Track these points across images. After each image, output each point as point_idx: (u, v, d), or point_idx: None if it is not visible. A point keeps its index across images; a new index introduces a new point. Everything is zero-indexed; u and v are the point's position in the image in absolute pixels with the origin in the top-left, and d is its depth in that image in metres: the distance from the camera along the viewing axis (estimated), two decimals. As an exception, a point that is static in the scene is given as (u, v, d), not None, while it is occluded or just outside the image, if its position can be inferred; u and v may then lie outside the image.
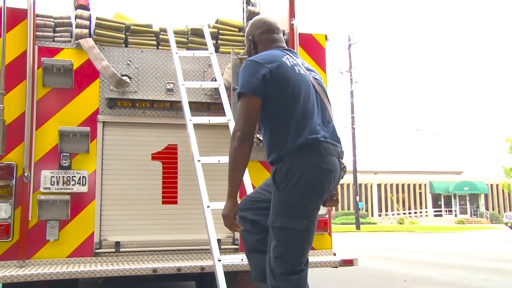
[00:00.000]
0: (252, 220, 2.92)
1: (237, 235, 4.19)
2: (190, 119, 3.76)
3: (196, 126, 3.83)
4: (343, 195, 47.65)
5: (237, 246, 4.20)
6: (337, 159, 2.68)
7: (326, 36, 4.75)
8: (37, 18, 4.10)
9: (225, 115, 3.96)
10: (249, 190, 3.46)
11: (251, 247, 2.97)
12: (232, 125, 3.87)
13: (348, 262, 4.02)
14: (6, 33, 3.91)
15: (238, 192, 2.75)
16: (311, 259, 4.02)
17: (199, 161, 3.56)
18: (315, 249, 4.33)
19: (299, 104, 2.64)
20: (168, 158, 4.25)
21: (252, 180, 3.63)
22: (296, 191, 2.56)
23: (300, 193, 2.56)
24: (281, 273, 2.61)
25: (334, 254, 4.35)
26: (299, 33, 4.52)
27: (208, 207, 3.34)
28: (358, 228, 31.66)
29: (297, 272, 2.63)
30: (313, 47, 4.69)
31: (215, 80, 4.20)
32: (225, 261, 3.18)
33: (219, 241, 4.11)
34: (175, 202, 4.20)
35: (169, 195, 4.21)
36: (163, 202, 4.18)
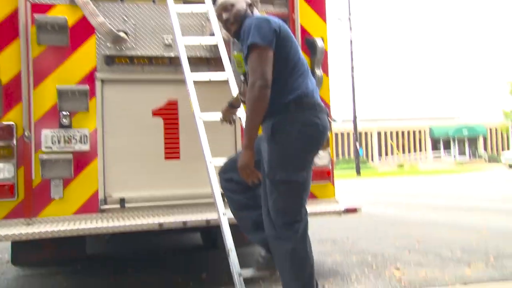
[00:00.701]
0: (238, 180, 2.98)
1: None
2: (190, 76, 3.71)
3: (196, 82, 3.78)
4: (343, 143, 47.90)
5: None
6: (327, 116, 2.84)
7: (326, -16, 4.62)
8: (28, -28, 3.96)
9: (225, 71, 3.89)
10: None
11: (239, 205, 3.09)
12: (232, 81, 3.82)
13: (352, 211, 4.09)
14: (-4, -11, 3.79)
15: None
16: (314, 207, 4.11)
17: (200, 118, 3.54)
18: (317, 198, 4.39)
19: (298, 63, 2.80)
20: (168, 114, 4.22)
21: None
22: (295, 144, 2.68)
23: (299, 147, 2.69)
24: (283, 223, 2.72)
25: (337, 202, 4.41)
26: (299, -20, 4.40)
27: (210, 162, 3.35)
28: (358, 173, 32.03)
29: (298, 220, 2.75)
30: (312, -5, 4.56)
31: (214, 35, 4.10)
32: (229, 215, 3.22)
33: (222, 195, 4.16)
34: (178, 158, 4.21)
35: (171, 150, 4.21)
36: (166, 158, 4.19)
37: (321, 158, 4.32)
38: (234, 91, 3.78)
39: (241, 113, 3.59)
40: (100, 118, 4.05)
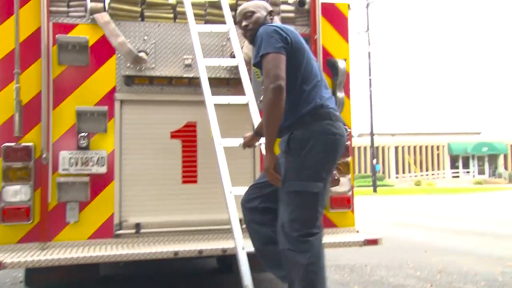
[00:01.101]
0: (263, 208, 2.96)
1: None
2: (210, 100, 3.63)
3: (216, 105, 3.71)
4: (360, 158, 47.52)
5: (258, 225, 4.14)
6: (343, 125, 2.85)
7: (349, 5, 4.53)
8: (50, -8, 3.94)
9: (245, 94, 3.81)
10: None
11: (265, 239, 2.98)
12: (252, 105, 3.73)
13: (372, 242, 3.94)
14: (19, 9, 3.77)
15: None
16: (334, 237, 3.99)
17: (220, 144, 3.45)
18: (337, 227, 4.26)
19: (312, 73, 2.82)
20: (187, 136, 4.15)
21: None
22: (312, 155, 2.68)
23: (316, 157, 2.69)
24: (299, 236, 2.69)
25: (357, 232, 4.27)
26: (321, 3, 4.33)
27: (230, 192, 3.24)
28: (375, 191, 31.67)
29: (314, 234, 2.72)
30: (336, 17, 4.48)
31: (234, 56, 4.03)
32: (248, 248, 3.11)
33: (240, 220, 4.05)
34: (195, 182, 4.13)
35: (189, 174, 4.13)
36: (183, 182, 4.11)
37: (341, 185, 4.18)
38: (255, 115, 3.69)
39: (262, 140, 3.50)
40: (118, 140, 3.99)
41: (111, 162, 3.94)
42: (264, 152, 3.55)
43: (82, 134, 3.89)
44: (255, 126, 3.53)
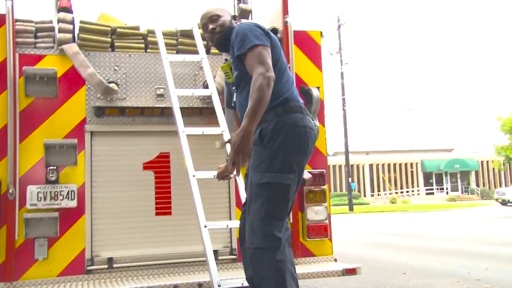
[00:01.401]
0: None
1: (235, 244, 4.06)
2: (183, 130, 3.57)
3: (190, 135, 3.65)
4: (335, 176, 47.79)
5: (235, 256, 4.07)
6: (312, 120, 2.89)
7: (321, 33, 4.56)
8: (17, 23, 3.86)
9: (219, 125, 3.76)
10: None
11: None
12: (226, 135, 3.69)
13: (351, 271, 3.89)
14: (-16, 40, 3.67)
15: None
16: (312, 267, 3.94)
17: (194, 176, 3.38)
18: (315, 255, 4.21)
19: (286, 70, 2.90)
20: (160, 167, 4.07)
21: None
22: (283, 146, 2.68)
23: (287, 149, 2.69)
24: (269, 231, 2.62)
25: (336, 260, 4.23)
26: (294, 31, 4.33)
27: (205, 227, 3.17)
28: (351, 209, 31.81)
29: (282, 230, 2.68)
30: (309, 45, 4.50)
31: (207, 85, 4.00)
32: (225, 285, 3.03)
33: (215, 252, 3.97)
34: (169, 213, 4.04)
35: (163, 205, 4.04)
36: (157, 214, 4.02)
37: (318, 213, 4.17)
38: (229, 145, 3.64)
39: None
40: (89, 172, 3.89)
41: (82, 196, 3.82)
42: (239, 183, 3.51)
43: (51, 167, 3.78)
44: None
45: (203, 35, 4.15)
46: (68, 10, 4.09)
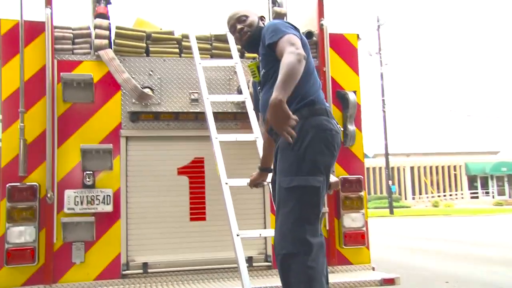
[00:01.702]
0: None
1: (270, 251, 4.00)
2: (216, 137, 3.55)
3: (223, 141, 3.62)
4: (375, 178, 47.03)
5: (269, 263, 4.02)
6: (337, 124, 2.82)
7: (358, 35, 4.45)
8: (55, 30, 3.93)
9: (253, 131, 3.72)
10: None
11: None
12: (260, 141, 3.63)
13: (389, 282, 3.75)
14: (24, 47, 3.75)
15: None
16: (349, 276, 3.84)
17: (226, 183, 3.35)
18: (352, 264, 4.10)
19: (314, 73, 2.84)
20: (194, 172, 4.06)
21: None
22: (310, 148, 2.61)
23: (315, 150, 2.62)
24: (301, 236, 2.54)
25: (373, 269, 4.11)
26: (330, 34, 4.24)
27: (237, 235, 3.12)
28: (391, 212, 31.21)
29: (315, 235, 2.60)
30: (345, 48, 4.40)
31: (241, 90, 3.96)
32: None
33: (250, 258, 3.95)
34: (203, 219, 4.02)
35: (197, 211, 4.03)
36: (191, 219, 4.01)
37: (355, 220, 4.07)
38: (261, 151, 3.60)
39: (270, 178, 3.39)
40: (124, 177, 3.92)
41: (117, 200, 3.86)
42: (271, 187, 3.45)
43: (88, 172, 3.82)
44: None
45: None
46: (105, 16, 4.14)
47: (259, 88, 3.05)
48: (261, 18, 3.09)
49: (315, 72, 2.88)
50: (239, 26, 3.05)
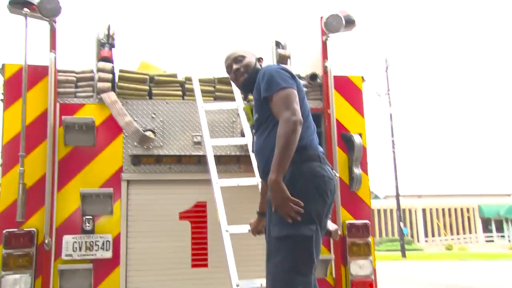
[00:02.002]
0: None
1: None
2: (217, 182, 3.47)
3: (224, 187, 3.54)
4: (386, 220, 46.31)
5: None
6: (331, 169, 2.74)
7: (363, 77, 4.41)
8: (59, 74, 3.94)
9: (255, 175, 3.63)
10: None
11: None
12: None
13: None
14: (27, 91, 3.74)
15: None
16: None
17: (227, 231, 3.24)
18: (360, 313, 3.91)
19: (308, 114, 2.76)
20: (197, 216, 3.96)
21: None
22: (301, 196, 2.50)
23: (305, 198, 2.50)
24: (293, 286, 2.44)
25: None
26: (334, 76, 4.20)
27: (237, 286, 2.99)
28: (403, 255, 30.50)
29: (308, 283, 2.50)
30: (350, 90, 4.36)
31: (244, 133, 3.90)
32: None
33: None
34: (206, 266, 3.89)
35: (199, 257, 3.90)
36: (193, 266, 3.88)
37: (363, 267, 3.91)
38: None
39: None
40: (125, 222, 3.83)
41: (117, 246, 3.75)
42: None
43: (87, 216, 3.74)
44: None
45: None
46: (108, 59, 4.15)
47: (253, 131, 2.99)
48: (259, 59, 3.05)
49: (310, 116, 2.81)
50: (235, 66, 3.00)
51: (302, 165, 2.58)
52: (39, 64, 3.89)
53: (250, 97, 4.11)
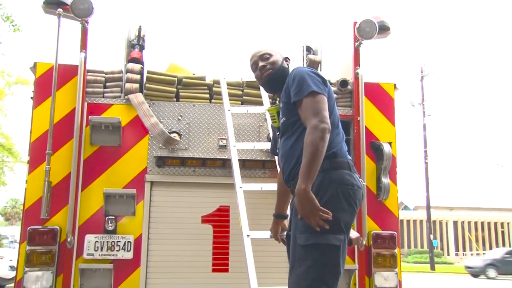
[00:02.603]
0: None
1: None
2: (241, 186, 3.41)
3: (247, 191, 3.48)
4: (416, 232, 45.41)
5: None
6: (360, 177, 2.67)
7: (395, 85, 4.29)
8: (88, 74, 3.97)
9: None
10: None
11: None
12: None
13: None
14: (57, 90, 3.78)
15: None
16: None
17: (248, 236, 3.18)
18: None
19: (338, 121, 2.71)
20: (219, 221, 3.92)
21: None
22: (330, 204, 2.43)
23: (335, 207, 2.43)
24: None
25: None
26: (365, 83, 4.10)
27: (256, 292, 2.92)
28: (432, 268, 29.80)
29: None
30: (381, 97, 4.25)
31: (270, 138, 3.84)
32: None
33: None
34: (226, 270, 3.84)
35: (220, 262, 3.86)
36: (213, 270, 3.84)
37: (388, 279, 3.79)
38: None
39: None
40: (147, 223, 3.82)
41: (138, 247, 3.74)
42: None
43: (110, 217, 3.74)
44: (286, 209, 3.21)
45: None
46: (138, 61, 4.15)
47: (278, 133, 2.90)
48: (286, 59, 2.96)
49: (339, 123, 2.74)
50: (261, 64, 2.90)
51: (331, 173, 2.51)
52: (70, 64, 3.93)
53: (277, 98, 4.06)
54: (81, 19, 3.84)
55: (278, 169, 3.47)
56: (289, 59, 2.99)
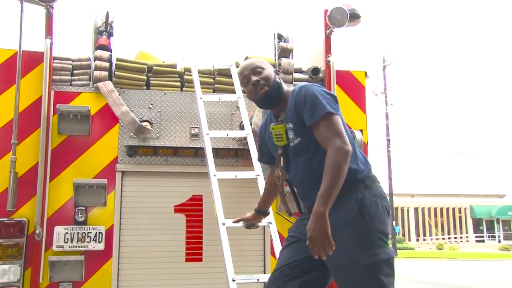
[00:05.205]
0: None
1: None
2: (215, 175, 3.38)
3: (222, 179, 3.46)
4: (379, 219, 46.32)
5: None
6: None
7: (366, 73, 4.33)
8: (55, 61, 3.85)
9: (254, 169, 3.55)
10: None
11: None
12: (261, 180, 3.46)
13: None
14: (21, 78, 3.65)
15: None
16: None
17: (223, 224, 3.16)
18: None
19: (352, 137, 2.68)
20: (192, 210, 3.88)
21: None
22: (379, 218, 2.45)
23: (383, 221, 2.47)
24: None
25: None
26: (336, 70, 4.13)
27: (233, 280, 2.91)
28: (395, 254, 30.62)
29: None
30: (352, 85, 4.28)
31: (243, 126, 3.82)
32: None
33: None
34: (200, 260, 3.82)
35: (194, 251, 3.82)
36: (187, 260, 3.80)
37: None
38: (262, 189, 3.41)
39: (270, 219, 3.21)
40: (118, 214, 3.74)
41: (109, 238, 3.67)
42: (274, 233, 3.25)
43: (80, 207, 3.65)
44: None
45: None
46: (106, 48, 4.05)
47: (279, 151, 2.73)
48: (276, 71, 2.81)
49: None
50: (254, 78, 2.70)
51: (372, 188, 2.51)
52: (35, 50, 3.79)
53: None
54: (45, 4, 3.71)
55: (263, 169, 3.42)
56: (279, 71, 2.92)
